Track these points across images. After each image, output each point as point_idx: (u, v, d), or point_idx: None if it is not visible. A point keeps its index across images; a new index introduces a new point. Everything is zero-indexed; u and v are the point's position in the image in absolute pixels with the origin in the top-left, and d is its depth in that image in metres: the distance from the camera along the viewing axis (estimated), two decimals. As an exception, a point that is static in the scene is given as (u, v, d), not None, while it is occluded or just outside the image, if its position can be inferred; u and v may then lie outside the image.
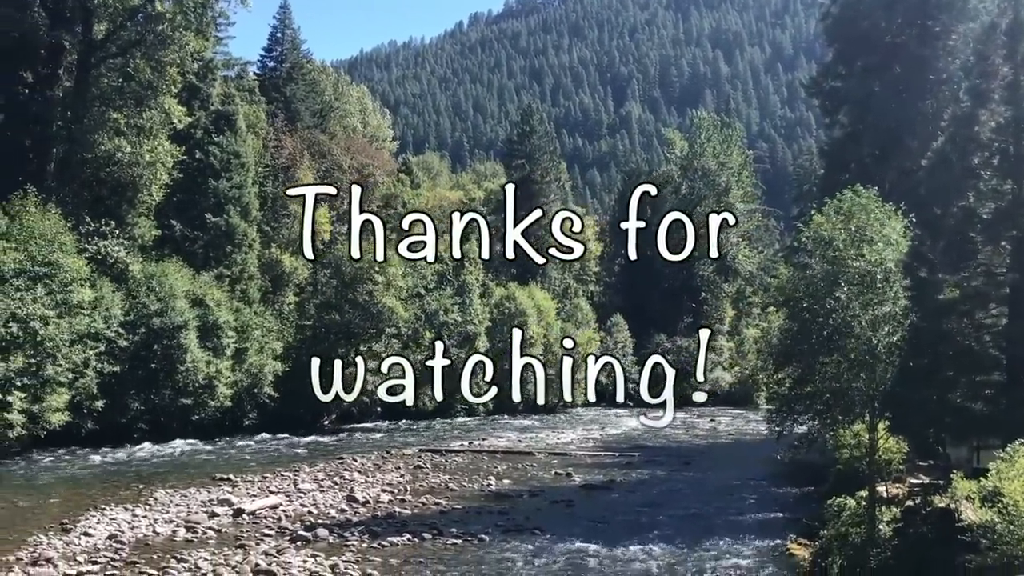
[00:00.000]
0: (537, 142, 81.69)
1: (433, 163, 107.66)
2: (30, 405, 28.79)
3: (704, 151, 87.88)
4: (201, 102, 43.92)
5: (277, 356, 41.36)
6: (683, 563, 15.19)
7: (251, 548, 15.38)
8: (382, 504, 20.72)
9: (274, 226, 49.50)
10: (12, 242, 30.13)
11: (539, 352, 61.85)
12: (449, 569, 14.38)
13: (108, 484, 23.31)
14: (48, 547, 15.03)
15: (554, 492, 23.50)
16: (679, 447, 38.68)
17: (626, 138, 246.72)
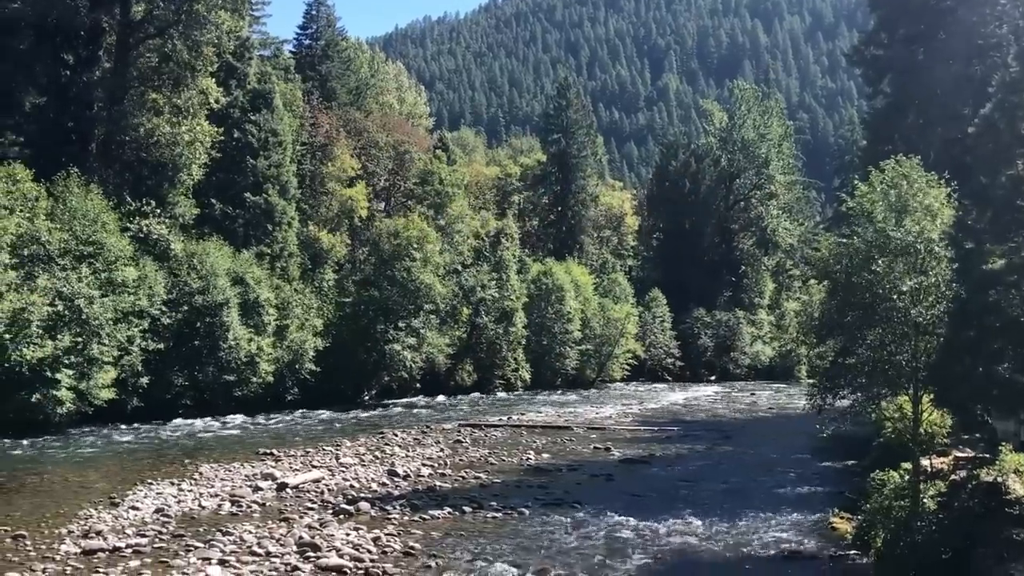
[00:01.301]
0: (573, 116, 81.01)
1: (469, 139, 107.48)
2: (78, 382, 29.43)
3: (743, 123, 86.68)
4: (238, 81, 44.17)
5: (317, 332, 41.78)
6: (723, 536, 15.15)
7: (295, 521, 15.60)
8: (422, 478, 20.89)
9: (312, 204, 49.81)
10: (57, 222, 30.66)
11: (577, 327, 61.91)
12: (490, 542, 14.47)
13: (154, 459, 23.77)
14: (98, 520, 15.36)
15: (593, 466, 23.53)
16: (719, 421, 38.51)
17: (663, 111, 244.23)
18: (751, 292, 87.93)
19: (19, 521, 15.29)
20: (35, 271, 29.00)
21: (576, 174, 79.73)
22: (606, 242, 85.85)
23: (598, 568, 12.92)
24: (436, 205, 54.64)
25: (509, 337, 55.66)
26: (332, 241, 47.86)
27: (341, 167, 51.75)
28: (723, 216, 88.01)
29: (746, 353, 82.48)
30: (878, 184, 16.70)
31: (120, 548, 13.46)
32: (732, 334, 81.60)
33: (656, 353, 75.76)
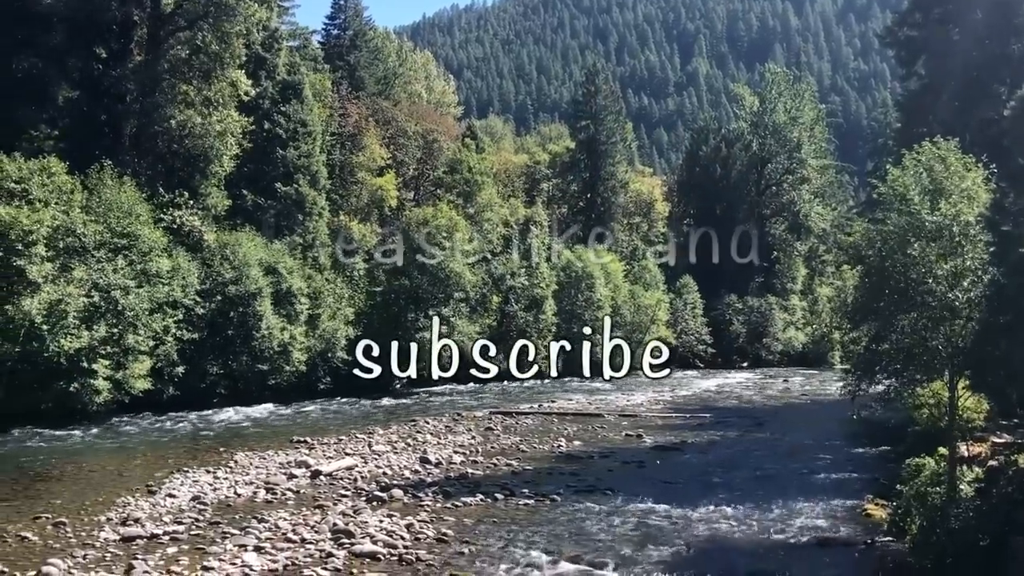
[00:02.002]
0: (602, 102, 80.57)
1: (497, 127, 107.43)
2: (114, 372, 29.87)
3: (775, 106, 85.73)
4: (268, 72, 44.43)
5: (349, 321, 42.04)
6: (756, 523, 15.08)
7: (329, 508, 15.74)
8: (454, 465, 20.98)
9: (342, 193, 50.04)
10: (92, 215, 31.07)
11: (607, 314, 61.71)
12: (522, 529, 14.51)
13: (190, 447, 24.08)
14: (135, 508, 15.60)
15: (625, 453, 23.49)
16: (751, 408, 38.30)
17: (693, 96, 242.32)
18: (783, 278, 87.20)
19: (59, 508, 15.57)
20: (71, 263, 29.43)
21: (605, 161, 79.37)
22: (636, 228, 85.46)
23: (630, 555, 12.92)
24: (465, 193, 54.68)
25: (539, 325, 55.65)
26: (362, 230, 48.08)
27: (370, 157, 51.96)
28: (755, 201, 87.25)
29: (778, 339, 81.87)
30: (912, 167, 16.47)
31: (158, 535, 13.66)
32: (764, 320, 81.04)
33: (687, 340, 75.40)
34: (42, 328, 27.59)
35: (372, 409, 35.36)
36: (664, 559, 12.76)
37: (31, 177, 29.74)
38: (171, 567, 11.91)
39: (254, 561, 12.16)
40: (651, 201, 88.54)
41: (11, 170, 29.57)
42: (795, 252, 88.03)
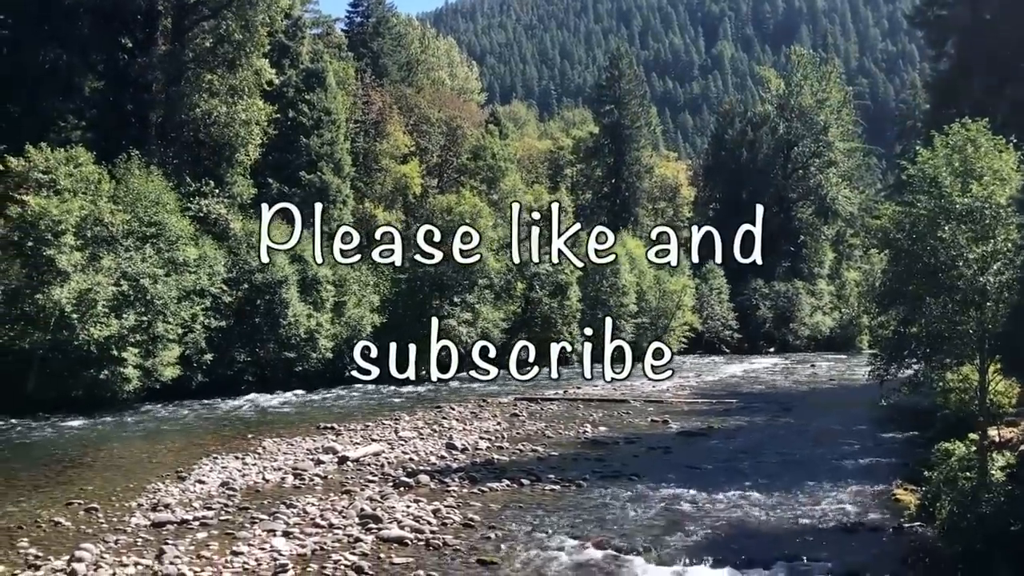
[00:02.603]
0: (626, 87, 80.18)
1: (520, 113, 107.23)
2: (144, 360, 30.21)
3: (801, 89, 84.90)
4: (291, 60, 44.60)
5: (374, 308, 42.21)
6: (784, 508, 15.00)
7: (356, 494, 15.84)
8: (480, 451, 21.05)
9: (367, 181, 50.19)
10: (120, 204, 31.36)
11: (632, 300, 61.58)
12: (548, 514, 14.53)
13: (219, 434, 24.31)
14: (166, 494, 15.78)
15: (651, 439, 23.45)
16: (778, 393, 38.09)
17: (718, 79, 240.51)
18: (810, 262, 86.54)
19: (91, 494, 15.78)
20: (100, 252, 29.74)
21: (630, 145, 79.03)
22: (661, 213, 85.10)
23: (657, 540, 12.90)
24: (489, 180, 54.66)
25: (564, 311, 55.60)
26: (387, 218, 48.21)
27: (394, 144, 52.04)
28: (781, 185, 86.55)
29: (805, 324, 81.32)
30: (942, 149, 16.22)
31: (188, 520, 13.81)
32: (791, 305, 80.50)
33: (714, 325, 75.12)
34: (72, 317, 27.93)
35: (398, 396, 35.51)
36: (690, 544, 12.73)
37: (59, 167, 30.05)
38: (201, 552, 12.04)
39: (283, 546, 12.27)
40: (676, 186, 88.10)
41: (39, 160, 29.89)
42: (822, 236, 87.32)
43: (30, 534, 13.04)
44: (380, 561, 11.77)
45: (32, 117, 35.21)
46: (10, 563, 11.53)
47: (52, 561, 11.52)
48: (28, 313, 27.96)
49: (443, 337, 44.42)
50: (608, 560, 11.96)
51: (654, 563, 11.76)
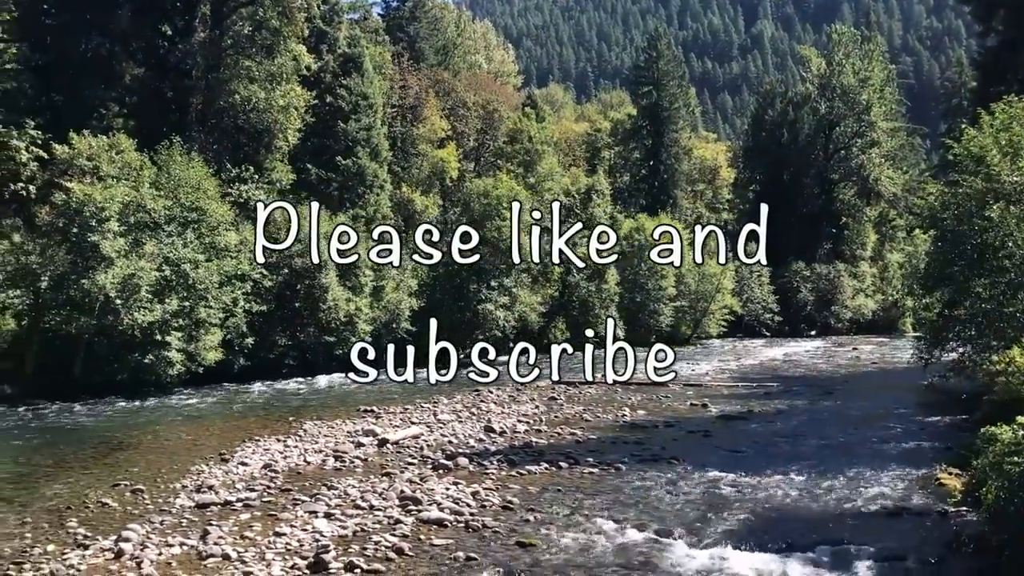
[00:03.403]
0: (664, 67, 79.44)
1: (557, 95, 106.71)
2: (186, 344, 30.65)
3: (843, 68, 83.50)
4: (329, 46, 44.76)
5: (412, 293, 42.40)
6: (825, 492, 14.83)
7: (396, 476, 15.94)
8: (518, 434, 21.07)
9: (404, 166, 50.33)
10: (161, 190, 31.77)
11: (671, 283, 61.23)
12: (587, 497, 14.51)
13: (260, 417, 24.61)
14: (209, 476, 16.01)
15: (690, 423, 23.32)
16: (819, 376, 37.68)
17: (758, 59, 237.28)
18: (852, 244, 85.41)
19: (137, 476, 16.06)
20: (142, 238, 30.17)
21: (668, 127, 78.37)
22: (700, 196, 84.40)
23: (697, 523, 12.84)
24: (526, 163, 54.55)
25: (601, 295, 55.46)
26: (424, 202, 48.32)
27: (431, 128, 52.09)
28: (822, 166, 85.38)
29: (847, 307, 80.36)
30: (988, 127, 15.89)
31: (231, 502, 13.99)
32: (833, 288, 79.56)
33: (754, 308, 74.51)
34: (116, 302, 28.40)
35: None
36: (730, 528, 12.65)
37: (102, 154, 30.50)
38: (244, 533, 12.20)
39: (324, 527, 12.39)
40: (715, 167, 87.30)
41: (83, 148, 30.36)
42: (864, 217, 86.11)
43: (78, 514, 13.31)
44: (420, 542, 11.84)
45: (74, 105, 35.77)
46: (60, 542, 11.79)
47: (100, 541, 11.74)
48: (74, 298, 28.48)
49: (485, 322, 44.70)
50: (648, 543, 11.92)
51: (694, 546, 11.70)
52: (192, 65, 38.77)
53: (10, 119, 32.35)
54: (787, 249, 79.59)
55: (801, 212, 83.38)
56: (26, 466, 17.51)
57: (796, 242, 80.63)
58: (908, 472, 16.32)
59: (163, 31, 38.78)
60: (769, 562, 11.06)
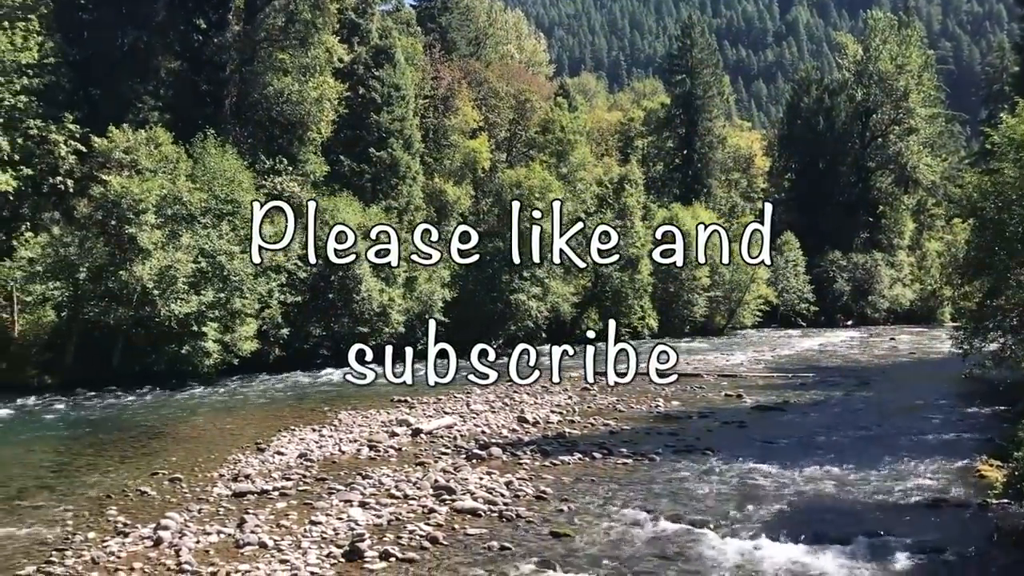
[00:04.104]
0: (698, 56, 78.74)
1: (590, 85, 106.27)
2: (223, 335, 30.98)
3: (880, 54, 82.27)
4: (361, 38, 44.88)
5: (445, 284, 42.50)
6: (862, 483, 14.67)
7: (430, 465, 16.01)
8: (551, 425, 21.07)
9: (436, 156, 50.38)
10: (197, 183, 32.10)
11: (705, 274, 60.82)
12: (621, 488, 14.47)
13: (296, 406, 24.84)
14: (246, 465, 16.18)
15: (724, 413, 23.17)
16: (856, 367, 37.27)
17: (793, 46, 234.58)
18: (890, 233, 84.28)
19: (175, 465, 16.28)
20: (179, 230, 30.51)
21: (702, 116, 77.71)
22: (735, 185, 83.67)
23: (731, 514, 12.75)
24: (558, 153, 54.39)
25: (635, 285, 55.25)
26: (456, 193, 48.35)
27: (463, 119, 52.05)
28: (859, 154, 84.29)
29: (885, 296, 79.41)
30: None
31: (267, 490, 14.13)
32: (870, 277, 78.64)
33: (789, 298, 73.86)
34: (154, 293, 28.79)
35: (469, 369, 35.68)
36: (766, 519, 12.55)
37: (139, 147, 30.87)
38: (280, 521, 12.32)
39: (359, 516, 12.47)
40: (750, 156, 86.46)
41: (120, 141, 30.75)
42: (902, 206, 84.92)
43: (118, 503, 13.52)
44: (454, 532, 11.88)
45: (111, 99, 36.22)
46: (100, 529, 11.98)
47: (139, 529, 11.91)
48: (112, 290, 28.91)
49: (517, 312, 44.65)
50: (682, 534, 11.86)
51: (729, 537, 11.62)
52: (226, 58, 39.07)
53: (49, 113, 32.81)
54: (823, 238, 78.75)
55: (837, 201, 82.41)
56: (67, 455, 17.82)
57: (832, 231, 79.78)
58: (947, 463, 16.10)
59: (197, 24, 39.10)
60: (805, 554, 10.95)
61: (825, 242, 78.66)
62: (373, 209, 40.40)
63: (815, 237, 77.98)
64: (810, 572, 10.42)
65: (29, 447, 18.67)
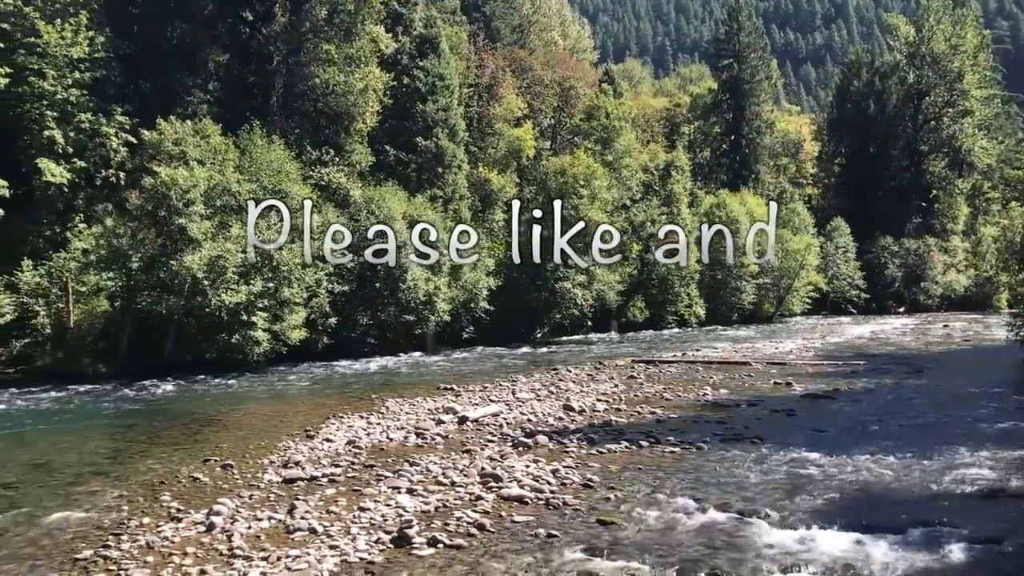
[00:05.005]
0: (745, 39, 77.70)
1: (635, 71, 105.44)
2: (272, 324, 31.38)
3: (933, 35, 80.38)
4: (405, 27, 45.01)
5: (490, 272, 42.58)
6: (915, 473, 14.39)
7: (476, 453, 16.05)
8: (597, 413, 20.99)
9: (480, 145, 50.42)
10: (245, 174, 32.49)
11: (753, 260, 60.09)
12: (668, 476, 14.37)
13: (344, 395, 25.07)
14: (295, 452, 16.36)
15: (773, 401, 22.90)
16: (908, 354, 36.60)
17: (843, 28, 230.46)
18: (943, 217, 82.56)
19: (226, 452, 16.53)
20: (228, 220, 30.91)
21: (749, 100, 76.76)
22: (783, 170, 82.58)
23: (781, 503, 12.59)
24: (603, 140, 54.11)
25: (681, 272, 54.82)
26: (501, 181, 48.35)
27: (507, 107, 52.00)
28: (911, 137, 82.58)
29: (938, 283, 77.87)
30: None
31: (317, 477, 14.28)
32: (922, 263, 77.16)
33: (839, 285, 72.82)
34: (204, 283, 29.23)
35: (514, 358, 35.80)
36: (816, 508, 12.37)
37: (187, 139, 31.32)
38: (330, 507, 12.44)
39: (407, 502, 12.54)
40: (799, 141, 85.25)
41: (168, 133, 31.23)
42: (956, 190, 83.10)
43: (171, 488, 13.76)
44: (501, 519, 11.90)
45: (161, 92, 36.75)
46: (155, 515, 12.20)
47: (192, 514, 12.11)
48: (163, 280, 29.41)
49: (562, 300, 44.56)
50: (731, 523, 11.74)
51: (779, 527, 11.47)
52: (273, 50, 39.43)
53: (100, 107, 33.41)
54: (874, 223, 77.41)
55: (888, 185, 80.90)
56: (121, 442, 18.19)
57: (883, 216, 78.37)
58: (1004, 453, 15.73)
59: (244, 17, 39.51)
60: (857, 544, 10.77)
61: (876, 227, 77.29)
62: (418, 198, 40.55)
63: (865, 222, 76.68)
64: (861, 563, 10.24)
65: (84, 434, 19.09)
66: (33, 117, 31.72)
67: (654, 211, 53.66)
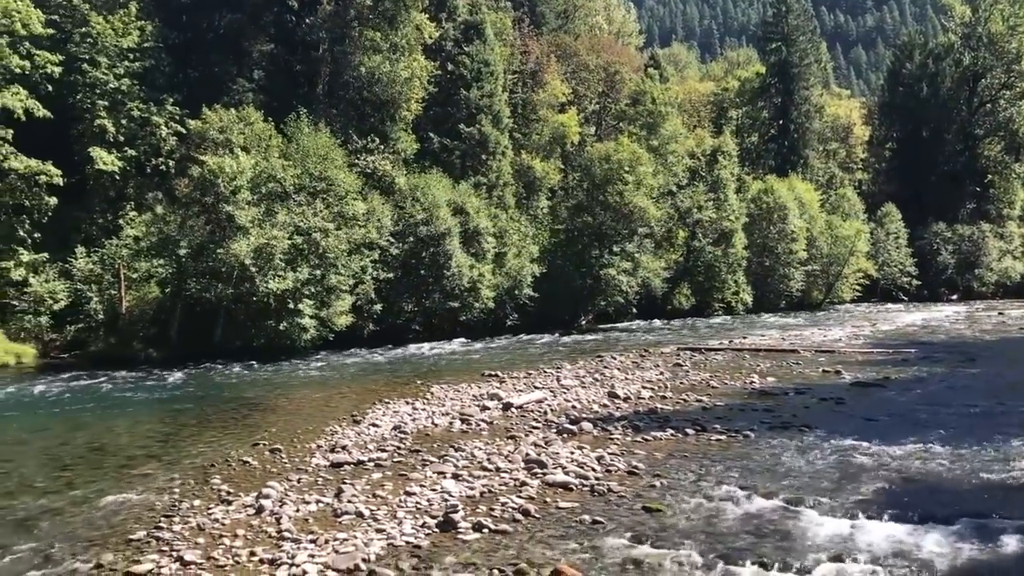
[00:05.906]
0: (794, 22, 76.46)
1: (681, 55, 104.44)
2: (318, 310, 31.72)
3: (990, 15, 78.37)
4: (449, 14, 45.02)
5: (534, 259, 42.58)
6: (968, 462, 14.09)
7: (521, 439, 16.07)
8: (642, 400, 20.88)
9: (524, 132, 50.32)
10: (291, 161, 32.81)
11: (802, 247, 59.33)
12: (714, 464, 14.26)
13: (389, 381, 25.26)
14: (342, 436, 16.54)
15: (822, 390, 22.57)
16: (961, 342, 35.85)
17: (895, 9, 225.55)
18: (998, 203, 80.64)
19: (275, 436, 16.76)
20: (274, 207, 31.27)
21: (798, 84, 75.60)
22: (833, 155, 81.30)
23: (830, 492, 12.42)
24: (648, 126, 53.69)
25: (728, 259, 54.31)
26: (545, 168, 48.24)
27: (552, 93, 51.80)
28: (966, 121, 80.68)
29: (992, 269, 76.18)
30: None
31: (363, 462, 14.42)
32: (976, 249, 75.48)
33: (890, 272, 71.58)
34: (252, 270, 29.61)
35: (559, 345, 35.75)
36: (865, 497, 12.18)
37: (232, 127, 31.70)
38: (376, 491, 12.55)
39: (452, 488, 12.61)
40: (849, 125, 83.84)
41: (214, 121, 31.63)
42: (1012, 174, 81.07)
43: (221, 472, 14.00)
44: (546, 505, 11.91)
45: (208, 81, 37.24)
46: (205, 497, 12.42)
47: (242, 497, 12.31)
48: (212, 267, 29.85)
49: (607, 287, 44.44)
50: (778, 511, 11.61)
51: (827, 515, 11.32)
52: (319, 38, 39.69)
53: (150, 96, 33.95)
54: (926, 209, 75.91)
55: (941, 170, 79.19)
56: (172, 426, 18.54)
57: (936, 202, 76.79)
58: (1061, 443, 15.34)
59: (290, 5, 39.81)
60: (907, 534, 10.59)
61: (928, 213, 75.76)
62: (462, 185, 40.64)
63: (917, 208, 75.21)
64: (911, 553, 10.07)
65: (137, 418, 19.49)
66: (85, 106, 32.35)
67: (700, 197, 53.15)
